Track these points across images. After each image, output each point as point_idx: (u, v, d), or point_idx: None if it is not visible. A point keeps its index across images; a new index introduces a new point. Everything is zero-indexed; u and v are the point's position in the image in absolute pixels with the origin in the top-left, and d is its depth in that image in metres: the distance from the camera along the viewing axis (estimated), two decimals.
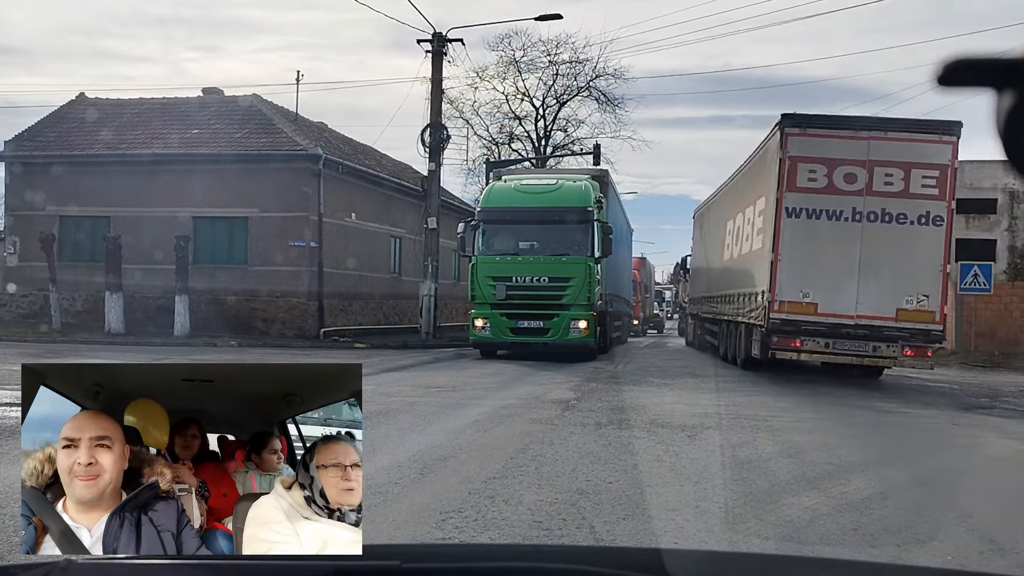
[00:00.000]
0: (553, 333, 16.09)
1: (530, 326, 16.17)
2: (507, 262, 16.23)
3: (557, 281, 16.04)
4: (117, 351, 16.39)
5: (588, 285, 16.00)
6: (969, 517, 4.88)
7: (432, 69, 21.44)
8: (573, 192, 16.72)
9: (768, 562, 2.06)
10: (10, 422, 7.01)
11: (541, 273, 16.08)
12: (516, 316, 16.18)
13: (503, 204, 16.73)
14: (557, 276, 16.05)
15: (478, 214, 16.87)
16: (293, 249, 21.17)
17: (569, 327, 16.01)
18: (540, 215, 16.34)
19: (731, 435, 7.62)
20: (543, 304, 16.04)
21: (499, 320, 16.22)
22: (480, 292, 16.37)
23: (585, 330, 16.04)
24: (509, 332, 16.28)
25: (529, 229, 16.47)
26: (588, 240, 16.14)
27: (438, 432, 7.38)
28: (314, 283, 21.45)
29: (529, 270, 16.13)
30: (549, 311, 16.02)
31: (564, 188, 16.89)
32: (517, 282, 16.16)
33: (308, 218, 21.30)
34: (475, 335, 16.71)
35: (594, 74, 31.39)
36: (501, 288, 16.13)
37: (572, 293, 16.00)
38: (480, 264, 16.43)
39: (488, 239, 16.56)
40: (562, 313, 16.01)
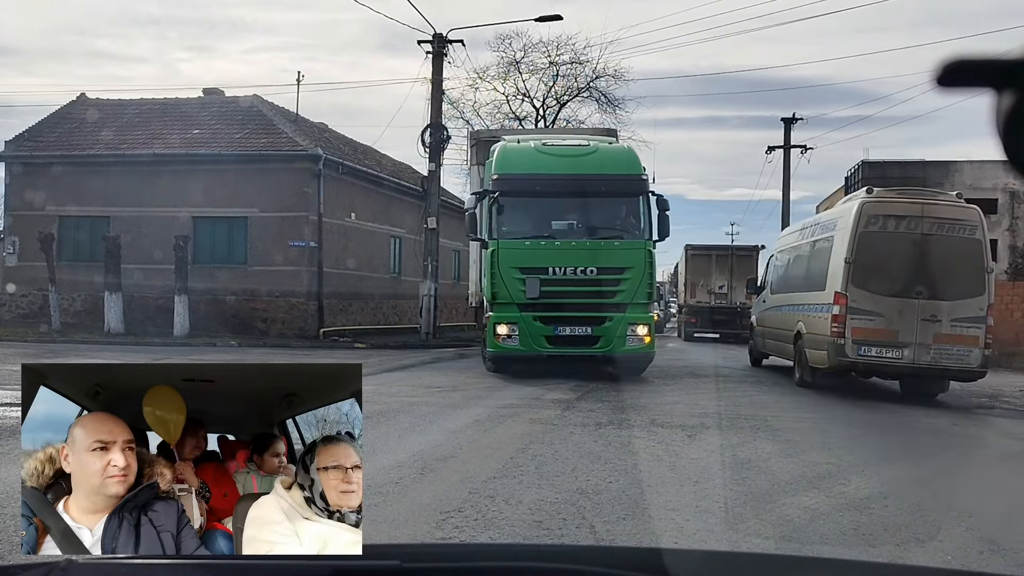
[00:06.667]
0: (604, 342, 12.15)
1: (573, 333, 12.20)
2: (540, 248, 12.20)
3: (609, 273, 12.12)
4: (117, 351, 16.38)
5: (648, 277, 12.30)
6: (969, 517, 4.89)
7: (432, 70, 21.45)
8: (617, 156, 13.05)
9: (768, 562, 2.07)
10: (10, 422, 7.02)
11: (587, 263, 12.08)
12: (554, 320, 12.16)
13: (526, 170, 12.54)
14: (609, 266, 12.14)
15: (493, 182, 12.49)
16: (293, 249, 21.17)
17: (625, 334, 12.12)
18: (580, 185, 12.36)
19: (731, 435, 7.63)
20: (590, 304, 12.09)
21: (531, 326, 12.14)
22: (503, 289, 12.15)
23: (646, 338, 12.32)
24: (544, 342, 12.18)
25: (564, 204, 12.70)
26: (644, 218, 12.44)
27: (438, 432, 7.38)
28: (314, 283, 21.44)
29: (571, 259, 12.12)
30: (598, 313, 12.14)
31: (603, 151, 13.08)
32: (555, 275, 12.06)
33: (308, 218, 21.30)
34: (497, 347, 12.34)
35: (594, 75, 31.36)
36: (533, 283, 12.03)
37: (628, 288, 12.13)
38: (502, 251, 12.19)
39: (509, 217, 12.41)
40: (615, 315, 12.13)
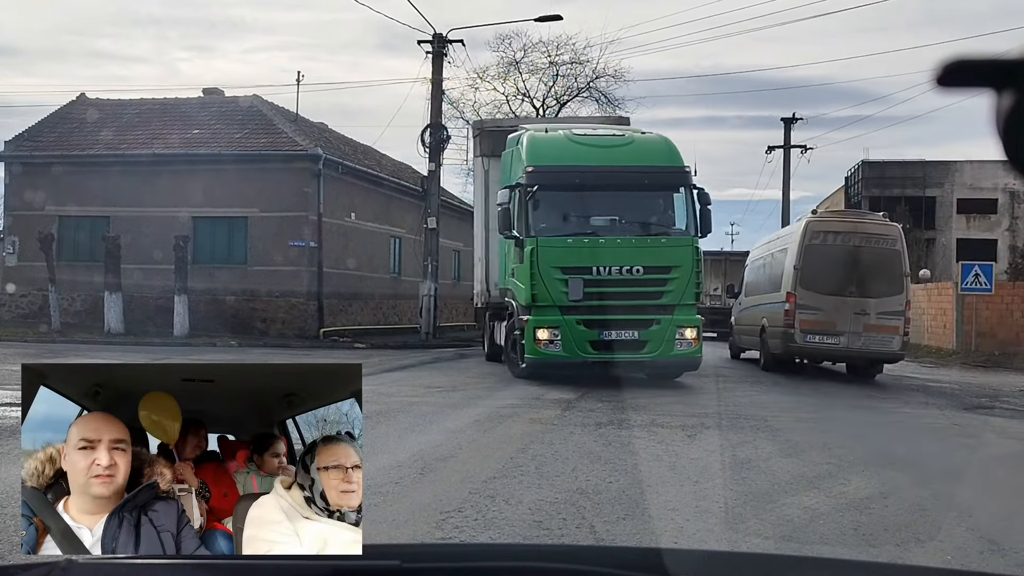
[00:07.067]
0: (652, 347, 11.44)
1: (620, 338, 11.42)
2: (583, 246, 11.44)
3: (655, 272, 11.43)
4: (117, 351, 16.38)
5: (696, 276, 11.64)
6: (969, 517, 4.89)
7: (432, 70, 21.47)
8: (655, 146, 12.35)
9: (768, 562, 2.07)
10: (10, 422, 7.01)
11: (633, 261, 11.36)
12: (598, 324, 11.38)
13: (561, 162, 11.82)
14: (655, 265, 11.44)
15: (528, 175, 11.64)
16: (293, 249, 21.17)
17: (674, 338, 11.45)
18: (622, 177, 11.75)
19: (731, 435, 7.62)
20: (637, 306, 11.34)
21: (575, 330, 11.32)
22: (543, 290, 11.34)
23: (694, 341, 11.63)
24: (589, 347, 11.41)
25: (603, 198, 11.95)
26: (689, 213, 11.81)
27: (438, 432, 7.38)
28: (314, 283, 21.45)
29: (615, 257, 11.36)
30: (645, 315, 11.41)
31: (639, 141, 12.46)
32: (599, 274, 11.32)
33: (308, 218, 21.30)
34: (538, 353, 11.45)
35: (594, 75, 31.36)
36: (576, 284, 11.24)
37: (676, 289, 11.44)
38: (542, 250, 11.38)
39: (546, 213, 11.67)
40: (663, 318, 11.41)
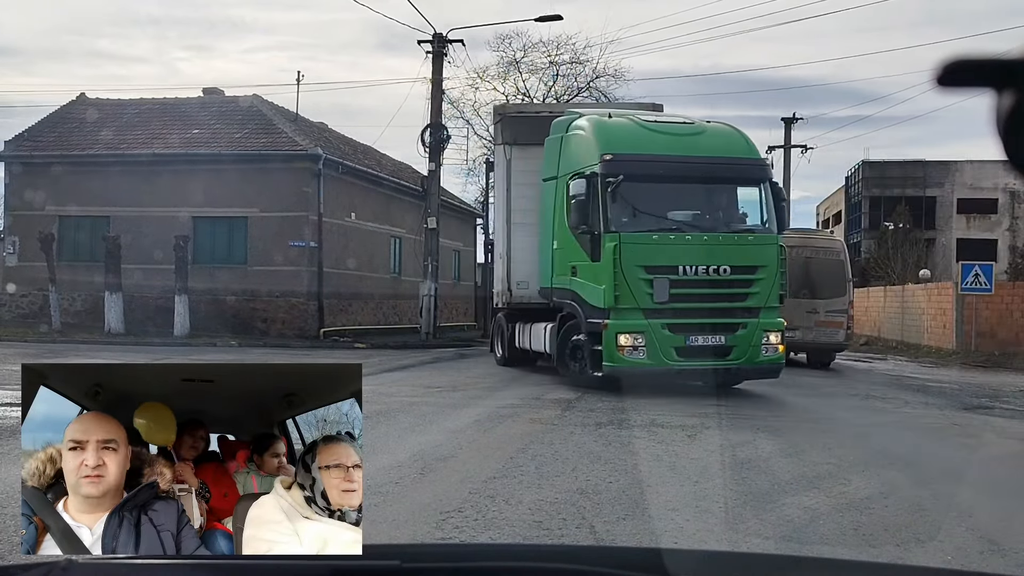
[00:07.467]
0: (739, 353, 10.48)
1: (706, 343, 10.46)
2: (669, 243, 10.39)
3: (742, 272, 10.51)
4: (117, 351, 16.38)
5: (781, 277, 10.82)
6: (969, 517, 4.89)
7: (432, 70, 21.46)
8: (731, 137, 11.31)
9: (768, 562, 2.07)
10: (10, 422, 7.01)
11: (720, 260, 10.38)
12: (684, 329, 10.38)
13: (638, 150, 10.70)
14: (742, 265, 10.51)
15: (605, 164, 10.39)
16: (293, 249, 21.16)
17: (760, 343, 10.56)
18: (705, 169, 10.68)
19: (731, 435, 7.62)
20: (723, 309, 10.57)
21: (660, 335, 10.24)
22: (627, 291, 10.21)
23: (780, 347, 10.85)
24: (675, 354, 10.35)
25: (684, 191, 10.93)
26: (770, 209, 10.88)
27: (438, 432, 7.39)
28: (314, 283, 21.43)
29: (702, 256, 10.36)
30: (732, 319, 10.56)
31: (712, 130, 11.34)
32: (685, 275, 10.28)
33: (308, 218, 21.29)
34: (620, 361, 10.26)
35: (594, 75, 31.36)
36: (662, 285, 10.19)
37: (762, 290, 10.52)
38: (625, 247, 10.22)
39: (627, 206, 10.48)
40: (750, 322, 10.49)
